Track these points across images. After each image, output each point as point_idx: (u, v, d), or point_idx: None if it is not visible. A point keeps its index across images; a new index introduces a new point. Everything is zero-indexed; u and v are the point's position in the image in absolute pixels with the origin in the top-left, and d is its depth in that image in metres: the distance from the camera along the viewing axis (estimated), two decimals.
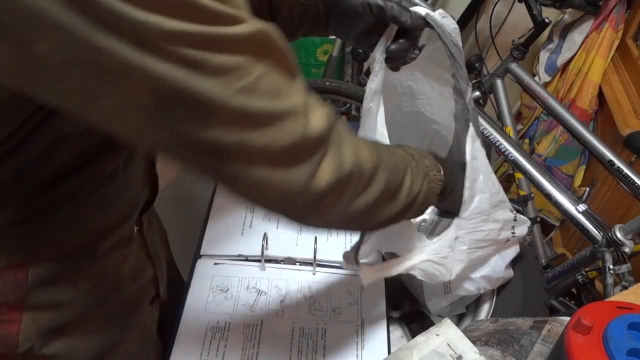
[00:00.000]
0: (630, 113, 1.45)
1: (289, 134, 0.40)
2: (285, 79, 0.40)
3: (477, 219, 0.67)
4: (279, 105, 0.39)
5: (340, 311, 0.81)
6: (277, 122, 0.39)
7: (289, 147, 0.41)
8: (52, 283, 0.52)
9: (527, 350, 0.55)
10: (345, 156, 0.46)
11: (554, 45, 1.65)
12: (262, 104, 0.38)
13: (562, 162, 1.70)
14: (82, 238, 0.54)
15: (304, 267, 0.88)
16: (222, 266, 0.87)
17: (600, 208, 1.51)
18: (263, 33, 0.37)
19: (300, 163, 0.42)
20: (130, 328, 0.64)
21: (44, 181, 0.48)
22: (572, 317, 0.48)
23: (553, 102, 1.33)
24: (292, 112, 0.40)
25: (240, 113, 0.37)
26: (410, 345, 0.56)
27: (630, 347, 0.45)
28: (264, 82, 0.38)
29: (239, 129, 0.38)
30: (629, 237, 1.02)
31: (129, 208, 0.60)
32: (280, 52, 0.39)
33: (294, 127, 0.40)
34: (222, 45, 0.34)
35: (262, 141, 0.39)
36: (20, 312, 0.51)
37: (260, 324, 0.78)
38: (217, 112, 0.36)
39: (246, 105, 0.37)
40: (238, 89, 0.36)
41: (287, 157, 0.41)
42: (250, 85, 0.37)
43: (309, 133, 0.42)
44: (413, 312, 0.90)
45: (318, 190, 0.44)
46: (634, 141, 1.15)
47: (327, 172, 0.44)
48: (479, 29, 1.72)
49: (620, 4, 1.50)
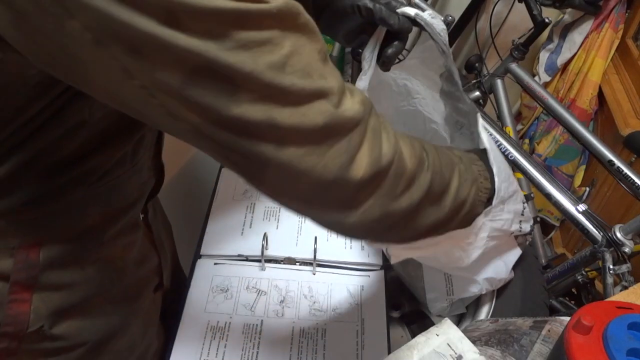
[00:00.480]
0: (630, 113, 1.45)
1: (321, 114, 0.39)
2: (316, 60, 0.39)
3: (498, 207, 0.67)
4: (311, 83, 0.38)
5: (340, 311, 0.81)
6: (308, 100, 0.38)
7: (321, 128, 0.39)
8: (61, 264, 0.54)
9: (527, 350, 0.55)
10: (384, 148, 0.44)
11: (554, 45, 1.65)
12: (293, 80, 0.37)
13: (562, 162, 1.70)
14: (92, 221, 0.55)
15: (304, 267, 0.88)
16: (222, 266, 0.87)
17: (600, 208, 1.51)
18: (293, 8, 0.37)
19: (333, 147, 0.40)
20: (134, 313, 0.66)
21: (59, 164, 0.49)
22: (572, 317, 0.48)
23: (553, 102, 1.33)
24: (324, 92, 0.39)
25: (271, 88, 0.36)
26: (410, 345, 0.56)
27: (630, 347, 0.45)
28: (295, 59, 0.37)
29: (268, 104, 0.37)
30: (629, 237, 1.02)
31: (136, 194, 0.61)
32: (311, 31, 0.39)
33: (327, 107, 0.39)
34: (251, 21, 0.34)
35: (292, 119, 0.37)
36: (31, 292, 0.52)
37: (260, 324, 0.78)
38: (247, 85, 0.35)
39: (277, 80, 0.36)
40: (268, 64, 0.35)
41: (320, 139, 0.39)
42: (281, 60, 0.36)
43: (342, 115, 0.40)
44: (413, 312, 0.90)
45: (354, 180, 0.42)
46: (634, 141, 1.15)
47: (364, 162, 0.42)
48: (479, 29, 1.72)
49: (620, 4, 1.50)
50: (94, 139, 0.50)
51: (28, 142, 0.46)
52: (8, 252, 0.50)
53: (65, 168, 0.50)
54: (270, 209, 0.98)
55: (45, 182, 0.50)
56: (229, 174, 1.05)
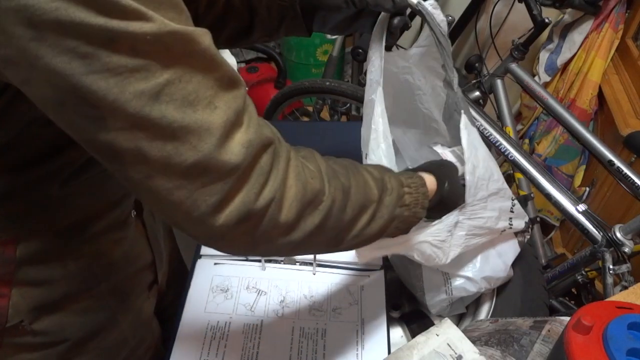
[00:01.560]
0: (630, 113, 1.45)
1: (193, 151, 0.37)
2: (209, 89, 0.37)
3: (478, 205, 0.67)
4: (188, 116, 0.36)
5: (340, 311, 0.81)
6: (181, 135, 0.36)
7: (190, 167, 0.37)
8: (41, 260, 0.54)
9: (527, 350, 0.55)
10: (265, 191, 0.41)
11: (554, 45, 1.65)
12: (165, 112, 0.35)
13: (562, 162, 1.70)
14: (72, 219, 0.55)
15: (304, 267, 0.88)
16: (222, 266, 0.87)
17: (600, 208, 1.51)
18: (182, 36, 0.34)
19: (207, 187, 0.38)
20: (124, 310, 0.65)
21: (24, 161, 0.49)
22: (572, 317, 0.48)
23: (553, 102, 1.33)
24: (203, 127, 0.36)
25: (137, 118, 0.34)
26: (410, 345, 0.56)
27: (630, 347, 0.45)
28: (173, 88, 0.35)
29: (136, 134, 0.35)
30: (628, 237, 1.02)
31: (120, 193, 0.60)
32: (207, 60, 0.37)
33: (201, 145, 0.37)
34: (123, 44, 0.32)
35: (161, 153, 0.36)
36: (9, 287, 0.53)
37: (260, 324, 0.78)
38: (113, 114, 0.34)
39: (144, 111, 0.34)
40: (138, 92, 0.34)
41: (190, 177, 0.38)
42: (154, 89, 0.34)
43: (218, 157, 0.38)
44: (413, 312, 0.90)
45: (220, 223, 0.40)
46: (634, 141, 1.15)
47: (235, 207, 0.40)
48: (479, 29, 1.72)
49: (620, 4, 1.50)
50: (56, 137, 0.48)
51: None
52: None
53: (36, 162, 0.49)
54: None
55: (13, 178, 0.49)
56: None
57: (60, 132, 0.48)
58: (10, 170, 0.49)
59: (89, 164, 0.54)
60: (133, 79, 0.33)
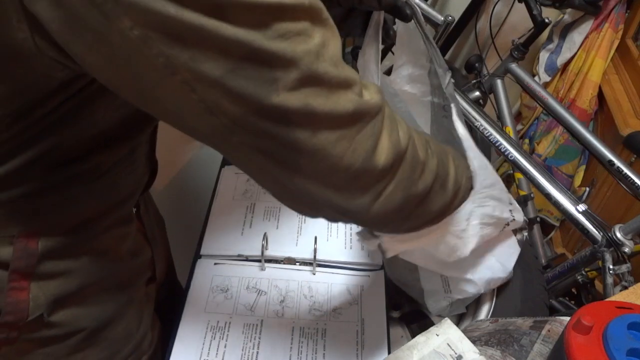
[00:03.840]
0: (630, 113, 1.45)
1: (350, 101, 0.41)
2: (339, 52, 0.41)
3: (484, 192, 0.67)
4: (340, 72, 0.41)
5: (340, 311, 0.81)
6: (338, 88, 0.41)
7: (351, 114, 0.42)
8: (58, 254, 0.55)
9: (527, 350, 0.55)
10: (400, 134, 0.47)
11: (554, 46, 1.65)
12: (326, 68, 0.39)
13: (562, 162, 1.70)
14: (87, 215, 0.57)
15: (304, 267, 0.88)
16: (222, 266, 0.87)
17: (600, 208, 1.51)
18: (319, 4, 0.39)
19: (361, 132, 0.43)
20: (129, 303, 0.67)
21: (64, 161, 0.51)
22: (572, 317, 0.48)
23: (553, 102, 1.33)
24: (350, 81, 0.42)
25: (308, 74, 0.38)
26: (410, 345, 0.56)
27: (630, 347, 0.45)
28: (324, 50, 0.39)
29: (305, 92, 0.39)
30: (629, 237, 1.02)
31: (132, 188, 0.63)
32: (332, 27, 0.41)
33: (353, 95, 0.42)
34: (288, 13, 0.37)
35: (327, 106, 0.40)
36: (29, 280, 0.54)
37: (260, 324, 0.78)
38: (287, 73, 0.37)
39: (313, 67, 0.38)
40: (305, 51, 0.38)
41: (349, 125, 0.42)
42: (314, 49, 0.38)
43: (367, 103, 0.43)
44: (413, 312, 0.90)
45: (379, 164, 0.44)
46: (634, 141, 1.15)
47: (385, 147, 0.45)
48: (479, 29, 1.72)
49: (620, 4, 1.50)
50: (100, 138, 0.52)
51: (40, 138, 0.47)
52: (8, 241, 0.52)
53: (69, 165, 0.51)
54: (270, 209, 0.98)
55: (49, 177, 0.51)
56: (229, 174, 1.05)
57: (101, 133, 0.51)
58: (46, 172, 0.50)
59: (114, 165, 0.56)
60: (299, 41, 0.37)
